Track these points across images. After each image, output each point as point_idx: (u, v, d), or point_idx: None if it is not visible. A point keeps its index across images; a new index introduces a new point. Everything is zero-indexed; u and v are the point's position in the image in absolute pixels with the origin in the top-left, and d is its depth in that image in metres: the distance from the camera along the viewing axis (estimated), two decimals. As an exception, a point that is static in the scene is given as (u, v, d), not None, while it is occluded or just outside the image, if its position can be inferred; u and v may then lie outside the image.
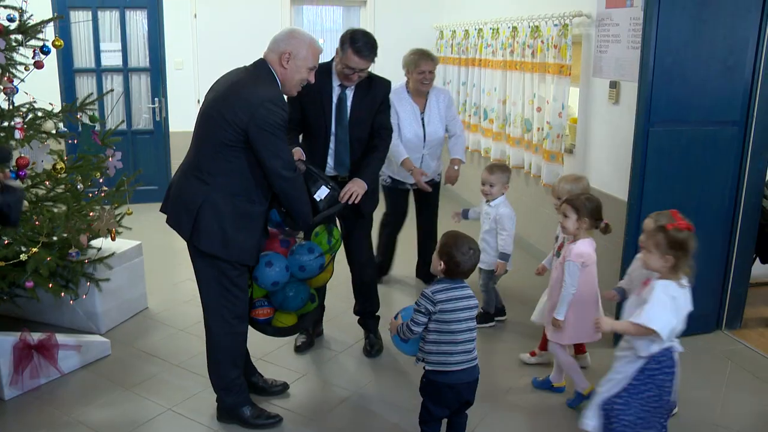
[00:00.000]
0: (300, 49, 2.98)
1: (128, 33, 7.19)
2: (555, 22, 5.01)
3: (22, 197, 1.67)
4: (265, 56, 3.03)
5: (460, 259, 2.74)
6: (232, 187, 2.94)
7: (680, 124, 3.91)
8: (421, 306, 2.75)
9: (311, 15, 8.01)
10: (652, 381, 2.76)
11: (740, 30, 3.86)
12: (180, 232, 3.03)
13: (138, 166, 6.71)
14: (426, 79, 4.56)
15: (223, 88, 2.96)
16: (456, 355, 2.78)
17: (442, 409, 2.87)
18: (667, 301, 2.70)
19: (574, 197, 3.43)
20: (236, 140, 2.86)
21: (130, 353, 3.99)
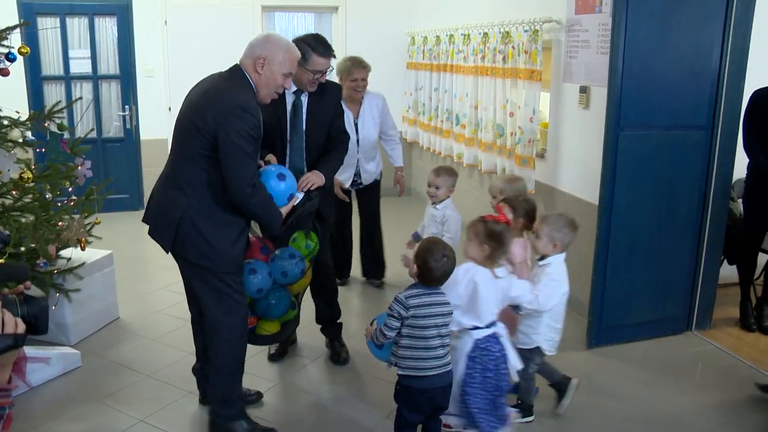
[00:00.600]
0: (275, 54, 2.92)
1: (98, 40, 7.12)
2: (525, 28, 5.05)
3: (46, 306, 1.71)
4: (241, 62, 2.98)
5: (433, 265, 2.74)
6: (211, 197, 2.88)
7: (649, 129, 3.96)
8: (394, 311, 2.75)
9: (283, 22, 7.99)
10: (482, 365, 2.92)
11: (705, 36, 3.93)
12: (161, 244, 2.98)
13: (109, 174, 6.63)
14: (359, 86, 4.65)
15: (197, 97, 2.91)
16: (429, 360, 2.78)
17: (416, 414, 2.88)
18: (462, 282, 2.90)
19: (513, 197, 3.52)
20: (211, 149, 2.80)
21: (101, 364, 3.93)
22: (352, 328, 4.48)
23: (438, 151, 7.14)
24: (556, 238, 3.17)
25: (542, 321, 3.17)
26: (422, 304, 2.75)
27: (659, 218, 4.09)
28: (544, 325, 3.18)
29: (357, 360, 4.00)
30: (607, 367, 3.95)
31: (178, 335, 4.22)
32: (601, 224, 4.01)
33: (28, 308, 1.68)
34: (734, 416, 3.46)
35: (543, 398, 3.49)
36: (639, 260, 4.11)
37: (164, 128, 7.27)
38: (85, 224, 3.87)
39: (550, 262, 3.18)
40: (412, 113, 7.84)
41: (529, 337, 3.20)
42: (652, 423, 3.39)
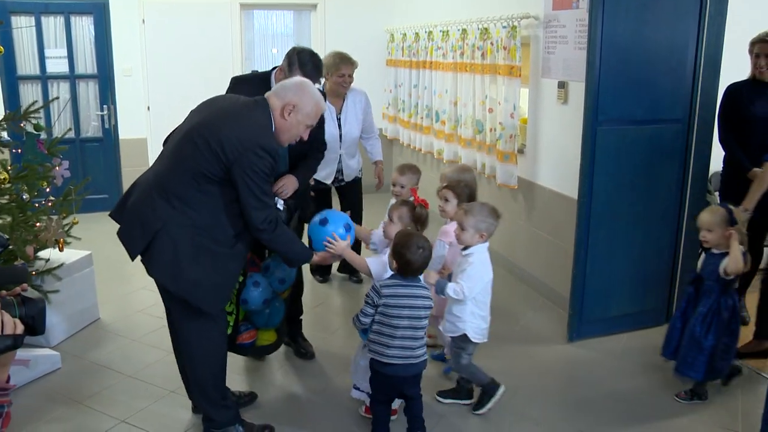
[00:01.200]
0: (306, 105, 2.83)
1: (74, 39, 7.03)
2: (503, 24, 5.07)
3: (44, 307, 1.73)
4: (268, 98, 2.85)
5: (411, 257, 2.87)
6: (197, 220, 2.74)
7: (627, 123, 4.00)
8: (369, 297, 2.92)
9: (261, 19, 7.95)
10: None
11: (680, 31, 3.97)
12: (128, 249, 2.84)
13: (87, 174, 6.54)
14: (345, 82, 4.67)
15: (214, 116, 2.79)
16: (392, 349, 2.90)
17: (382, 393, 3.04)
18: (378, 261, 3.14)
19: (455, 183, 3.67)
20: (217, 174, 2.70)
21: (81, 366, 3.90)
22: (334, 324, 4.49)
23: (418, 148, 7.16)
24: (482, 228, 3.20)
25: (467, 309, 3.21)
26: (395, 294, 2.88)
27: (638, 212, 4.13)
28: (469, 313, 3.22)
29: (339, 355, 4.02)
30: (587, 360, 3.98)
31: (160, 335, 4.19)
32: (580, 218, 4.04)
33: (26, 309, 1.71)
34: (715, 405, 3.51)
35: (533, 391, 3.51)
36: (618, 254, 4.15)
37: (143, 128, 7.23)
38: (64, 225, 3.84)
39: (473, 252, 3.22)
40: (391, 110, 7.84)
41: (455, 324, 3.25)
42: (632, 414, 3.42)
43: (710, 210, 3.49)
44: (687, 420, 3.39)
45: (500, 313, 4.64)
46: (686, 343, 3.45)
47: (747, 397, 3.59)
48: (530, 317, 4.64)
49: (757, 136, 4.24)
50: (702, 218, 3.45)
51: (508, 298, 4.97)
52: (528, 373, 3.85)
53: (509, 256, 5.49)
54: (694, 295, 3.53)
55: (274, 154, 2.75)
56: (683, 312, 3.57)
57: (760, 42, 4.14)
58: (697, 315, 3.43)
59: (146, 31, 7.22)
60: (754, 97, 4.21)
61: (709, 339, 3.38)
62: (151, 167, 2.94)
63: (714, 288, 3.42)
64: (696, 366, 3.42)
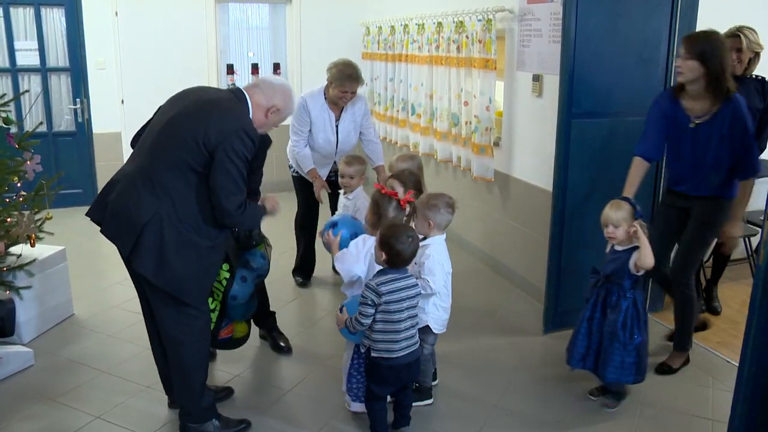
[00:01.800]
0: (288, 111, 3.04)
1: (45, 31, 6.92)
2: (479, 17, 5.08)
3: (13, 308, 1.70)
4: (252, 93, 2.93)
5: (401, 248, 2.83)
6: (181, 212, 2.75)
7: (601, 116, 4.03)
8: (368, 298, 2.83)
9: (236, 12, 7.89)
10: None
11: (653, 24, 4.01)
12: (119, 246, 2.82)
13: (60, 169, 6.47)
14: (346, 98, 4.56)
15: (194, 106, 2.81)
16: (400, 342, 2.90)
17: (384, 388, 3.00)
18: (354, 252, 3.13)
19: (399, 172, 3.72)
20: (200, 164, 2.72)
21: (55, 362, 3.86)
22: (309, 318, 4.49)
23: (394, 141, 7.16)
24: (429, 216, 3.21)
25: (429, 301, 3.21)
26: (394, 290, 2.85)
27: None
28: (431, 305, 3.23)
29: (320, 349, 4.02)
30: (563, 351, 4.01)
31: (135, 330, 4.16)
32: (555, 210, 4.07)
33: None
34: (687, 392, 3.56)
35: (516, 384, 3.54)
36: (593, 246, 4.17)
37: (117, 121, 7.14)
38: (36, 220, 3.79)
39: (430, 243, 3.21)
40: (368, 103, 7.83)
41: (417, 315, 3.17)
42: (606, 403, 3.46)
43: (615, 205, 3.29)
44: (660, 408, 3.44)
45: (477, 305, 4.69)
46: (611, 348, 3.28)
47: (717, 383, 3.65)
48: (506, 309, 4.67)
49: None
50: (608, 215, 3.27)
51: (485, 290, 5.00)
52: (503, 364, 3.88)
53: (485, 248, 5.52)
54: (604, 297, 3.35)
55: (256, 139, 2.81)
56: (590, 317, 3.38)
57: (731, 37, 4.19)
58: (616, 317, 3.27)
59: (119, 24, 7.13)
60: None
61: (636, 339, 3.28)
62: (129, 162, 2.92)
63: (626, 286, 3.28)
64: (627, 369, 3.31)
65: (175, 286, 2.80)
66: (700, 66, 3.38)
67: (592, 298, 3.39)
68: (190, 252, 2.80)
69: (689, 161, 3.61)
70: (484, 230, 5.48)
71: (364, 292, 2.86)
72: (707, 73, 3.39)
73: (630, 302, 3.28)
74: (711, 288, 4.67)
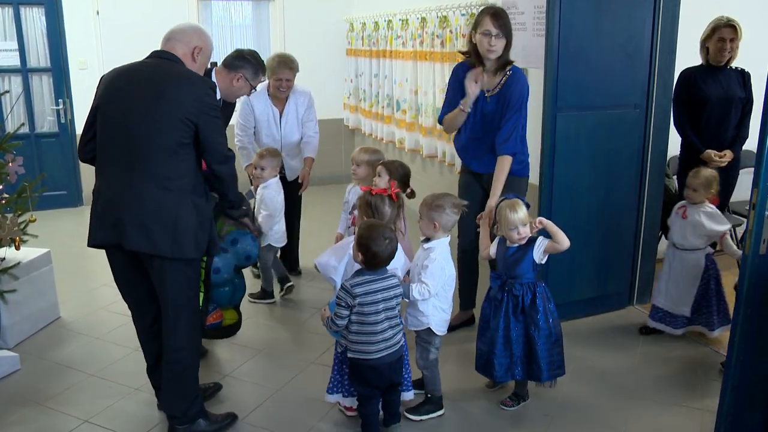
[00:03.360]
0: (207, 46, 3.06)
1: (25, 31, 6.85)
2: (462, 12, 5.08)
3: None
4: (171, 48, 2.96)
5: (377, 250, 2.79)
6: (190, 186, 2.85)
7: (586, 109, 4.04)
8: (342, 300, 2.80)
9: (219, 10, 7.85)
10: None
11: (637, 18, 4.02)
12: (157, 251, 2.78)
13: (44, 170, 6.41)
14: (283, 86, 4.65)
15: (151, 88, 2.78)
16: (377, 344, 2.85)
17: (371, 389, 2.95)
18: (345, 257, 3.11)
19: (389, 162, 3.74)
20: (190, 136, 2.80)
21: (42, 366, 3.82)
22: (293, 316, 4.48)
23: (380, 137, 7.15)
24: (434, 217, 3.14)
25: (429, 303, 3.13)
26: (368, 291, 2.80)
27: (598, 196, 4.18)
28: (431, 307, 3.15)
29: (309, 348, 4.01)
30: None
31: (123, 332, 4.13)
32: (541, 204, 4.08)
33: None
34: (676, 382, 3.59)
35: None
36: (580, 239, 4.17)
37: (100, 122, 7.06)
38: (19, 223, 3.75)
39: (434, 247, 3.13)
40: (353, 100, 7.82)
41: (418, 319, 3.16)
42: (597, 397, 3.47)
43: (512, 207, 3.19)
44: (649, 399, 3.46)
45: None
46: (541, 347, 3.21)
47: (707, 374, 3.68)
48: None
49: (711, 119, 4.36)
50: (514, 219, 3.16)
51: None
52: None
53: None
54: (515, 302, 3.24)
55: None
56: (506, 326, 3.24)
57: (726, 26, 4.27)
58: (536, 315, 3.20)
59: (101, 23, 7.07)
60: (708, 80, 4.32)
61: (556, 332, 3.26)
62: (110, 178, 2.85)
63: (532, 278, 3.23)
64: (559, 361, 3.29)
65: (203, 249, 2.92)
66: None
67: (501, 308, 3.25)
68: (205, 217, 2.93)
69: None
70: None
71: (339, 293, 2.83)
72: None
73: (542, 295, 3.24)
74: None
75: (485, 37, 3.63)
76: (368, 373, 2.90)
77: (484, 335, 3.34)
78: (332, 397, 3.18)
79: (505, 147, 3.70)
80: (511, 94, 3.67)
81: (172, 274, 2.86)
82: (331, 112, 8.15)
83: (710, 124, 4.37)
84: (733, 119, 4.38)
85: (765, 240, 2.46)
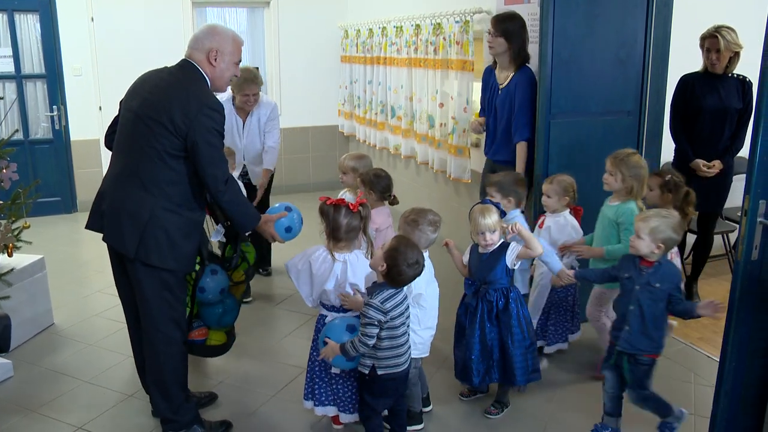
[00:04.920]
0: (226, 45, 2.94)
1: (19, 37, 6.85)
2: (456, 19, 5.10)
3: (9, 324, 1.66)
4: (190, 56, 2.94)
5: (403, 269, 2.69)
6: (177, 197, 2.83)
7: (579, 115, 4.06)
8: (373, 318, 2.68)
9: (214, 17, 7.86)
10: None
11: (629, 25, 4.04)
12: (123, 249, 2.83)
13: (38, 177, 6.40)
14: (249, 101, 4.75)
15: (153, 94, 2.83)
16: (404, 355, 2.84)
17: (384, 400, 2.92)
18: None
19: (364, 174, 3.80)
20: (179, 149, 2.77)
21: (35, 373, 3.81)
22: (270, 319, 4.48)
23: (374, 144, 7.17)
24: (408, 232, 3.07)
25: None
26: (397, 304, 2.74)
27: (592, 202, 4.17)
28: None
29: (302, 355, 3.99)
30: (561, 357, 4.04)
31: (116, 338, 4.13)
32: (536, 212, 4.09)
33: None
34: (669, 388, 3.59)
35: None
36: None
37: (95, 128, 7.05)
38: (13, 229, 3.74)
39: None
40: (347, 107, 7.84)
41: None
42: (589, 402, 3.47)
43: (483, 211, 3.17)
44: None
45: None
46: (515, 352, 3.20)
47: (699, 378, 3.69)
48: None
49: (706, 127, 4.36)
50: (483, 224, 3.14)
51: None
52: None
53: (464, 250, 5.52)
54: (488, 307, 3.22)
55: (221, 109, 2.85)
56: (481, 332, 3.23)
57: (709, 37, 4.26)
58: (509, 320, 3.19)
59: (96, 30, 7.07)
60: (705, 90, 4.33)
61: (532, 329, 3.28)
62: (112, 167, 2.95)
63: (505, 283, 3.21)
64: (533, 366, 3.28)
65: (184, 263, 2.91)
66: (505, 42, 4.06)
67: (476, 314, 3.22)
68: (191, 230, 2.91)
69: None
70: (463, 232, 5.48)
71: (366, 312, 2.69)
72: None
73: (515, 300, 3.22)
74: (691, 284, 4.71)
75: (488, 36, 4.20)
76: (390, 384, 2.85)
77: (460, 342, 3.35)
78: (309, 404, 3.12)
79: (519, 135, 4.10)
80: (517, 86, 4.09)
81: (146, 277, 2.87)
82: (326, 119, 8.17)
83: (703, 133, 4.38)
84: (727, 130, 4.35)
85: (757, 246, 2.48)
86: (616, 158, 3.51)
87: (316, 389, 3.09)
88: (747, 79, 4.31)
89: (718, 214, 4.65)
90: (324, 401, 3.08)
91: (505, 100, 4.16)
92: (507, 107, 4.16)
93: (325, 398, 3.08)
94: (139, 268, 2.86)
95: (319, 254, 2.96)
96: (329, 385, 3.06)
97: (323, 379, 3.06)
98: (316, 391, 3.08)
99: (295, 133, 8.05)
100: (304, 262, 2.98)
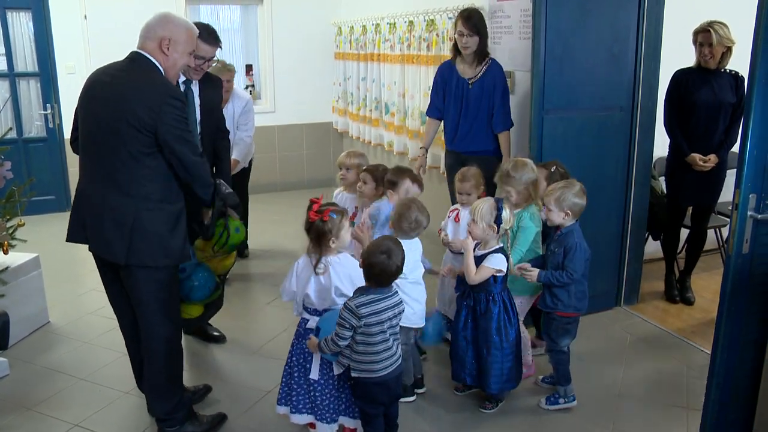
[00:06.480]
0: (179, 34, 2.88)
1: (12, 35, 6.83)
2: (449, 15, 5.11)
3: (7, 321, 1.66)
4: (142, 46, 2.86)
5: (376, 259, 2.67)
6: (156, 193, 2.78)
7: (572, 111, 4.07)
8: (346, 320, 2.64)
9: (208, 14, 7.85)
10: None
11: (622, 20, 4.06)
12: (113, 257, 2.79)
13: (32, 175, 6.39)
14: (224, 87, 4.48)
15: (111, 94, 2.76)
16: (383, 362, 2.74)
17: (376, 406, 2.84)
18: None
19: (373, 168, 3.83)
20: (151, 146, 2.72)
21: (31, 371, 3.82)
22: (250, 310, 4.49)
23: (368, 141, 7.17)
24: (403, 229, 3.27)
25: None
26: (374, 311, 2.66)
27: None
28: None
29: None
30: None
31: (112, 336, 4.13)
32: (529, 206, 4.10)
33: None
34: (662, 381, 3.62)
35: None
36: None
37: (88, 126, 7.04)
38: (8, 227, 3.74)
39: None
40: (341, 103, 7.84)
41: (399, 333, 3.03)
42: (584, 396, 3.50)
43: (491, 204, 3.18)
44: (635, 398, 3.49)
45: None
46: (490, 358, 3.22)
47: (691, 372, 3.72)
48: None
49: (701, 122, 4.38)
50: (505, 217, 3.17)
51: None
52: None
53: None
54: (473, 306, 3.26)
55: (181, 96, 2.83)
56: (464, 332, 3.28)
57: (702, 32, 4.27)
58: (488, 325, 3.20)
59: (89, 27, 7.05)
60: (699, 84, 4.34)
61: (511, 336, 3.24)
62: (86, 174, 2.89)
63: (495, 290, 3.20)
64: (507, 375, 3.28)
65: (177, 256, 2.89)
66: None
67: (462, 311, 3.28)
68: (176, 222, 2.88)
69: None
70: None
71: (342, 313, 2.65)
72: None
73: (500, 306, 3.21)
74: (685, 278, 4.74)
75: (460, 36, 4.27)
76: (375, 389, 2.78)
77: (453, 341, 3.40)
78: (283, 409, 3.01)
79: (503, 124, 4.30)
80: (496, 78, 4.27)
81: (140, 281, 2.85)
82: (320, 116, 8.17)
83: (698, 128, 4.39)
84: (722, 125, 4.36)
85: (747, 239, 2.50)
86: (500, 179, 3.59)
87: (293, 395, 2.96)
88: (740, 75, 4.33)
89: (711, 209, 4.67)
90: (301, 408, 2.96)
91: (481, 93, 4.30)
92: (486, 99, 4.30)
93: (302, 405, 2.96)
94: (132, 273, 2.84)
95: (300, 261, 2.94)
96: (307, 392, 2.95)
97: (301, 386, 2.96)
98: (294, 398, 2.96)
99: (289, 131, 8.06)
100: (291, 282, 2.95)
